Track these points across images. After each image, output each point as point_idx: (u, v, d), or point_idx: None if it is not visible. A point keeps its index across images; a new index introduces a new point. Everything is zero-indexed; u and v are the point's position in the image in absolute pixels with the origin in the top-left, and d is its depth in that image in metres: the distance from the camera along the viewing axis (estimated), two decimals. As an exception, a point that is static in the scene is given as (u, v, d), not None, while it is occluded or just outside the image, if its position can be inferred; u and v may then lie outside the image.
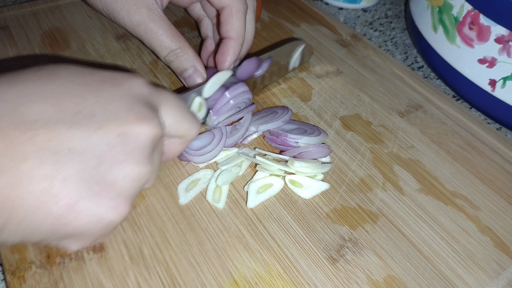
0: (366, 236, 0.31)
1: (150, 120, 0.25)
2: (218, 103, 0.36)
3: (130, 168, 0.24)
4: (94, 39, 0.46)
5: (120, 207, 0.24)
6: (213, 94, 0.36)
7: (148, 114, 0.25)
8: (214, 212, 0.32)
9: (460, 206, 0.34)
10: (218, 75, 0.36)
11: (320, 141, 0.36)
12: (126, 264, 0.29)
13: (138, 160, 0.24)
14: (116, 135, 0.23)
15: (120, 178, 0.24)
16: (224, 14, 0.38)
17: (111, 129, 0.23)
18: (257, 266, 0.29)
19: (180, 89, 0.41)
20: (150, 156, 0.25)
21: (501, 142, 0.39)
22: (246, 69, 0.38)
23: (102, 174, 0.23)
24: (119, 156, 0.23)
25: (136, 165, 0.24)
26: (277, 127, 0.37)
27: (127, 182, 0.24)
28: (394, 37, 0.56)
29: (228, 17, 0.38)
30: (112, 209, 0.23)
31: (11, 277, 0.28)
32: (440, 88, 0.49)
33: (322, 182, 0.34)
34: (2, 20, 0.48)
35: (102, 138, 0.23)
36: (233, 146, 0.36)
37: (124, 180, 0.24)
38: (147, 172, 0.25)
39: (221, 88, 0.36)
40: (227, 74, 0.36)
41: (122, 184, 0.24)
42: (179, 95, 0.32)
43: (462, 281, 0.29)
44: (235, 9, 0.37)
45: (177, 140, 0.30)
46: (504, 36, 0.38)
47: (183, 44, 0.38)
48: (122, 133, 0.24)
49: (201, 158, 0.34)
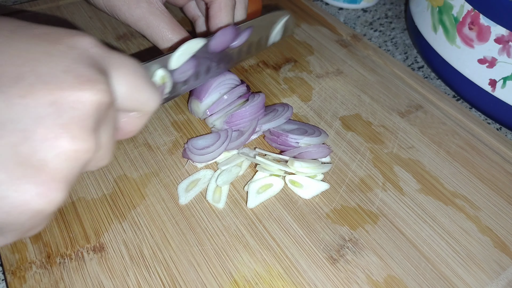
0: (366, 236, 0.31)
1: (94, 84, 0.20)
2: (214, 105, 0.36)
3: (63, 144, 0.19)
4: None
5: (51, 193, 0.20)
6: (182, 66, 0.32)
7: (92, 76, 0.21)
8: (214, 212, 0.32)
9: (460, 206, 0.34)
10: (189, 44, 0.31)
11: (321, 141, 0.36)
12: (126, 264, 0.29)
13: (74, 135, 0.20)
14: (47, 103, 0.19)
15: (51, 158, 0.19)
16: (212, 8, 0.38)
17: (40, 96, 0.19)
18: (257, 266, 0.29)
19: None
20: (92, 129, 0.21)
21: (501, 142, 0.39)
22: (222, 39, 0.34)
23: (28, 153, 0.19)
24: (50, 130, 0.19)
25: (71, 140, 0.20)
26: (277, 127, 0.37)
27: (60, 162, 0.20)
28: (394, 37, 0.56)
29: (217, 11, 0.38)
30: (39, 196, 0.19)
31: (11, 277, 0.28)
32: (440, 88, 0.49)
33: (322, 182, 0.34)
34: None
35: (28, 108, 0.19)
36: None
37: (56, 159, 0.19)
38: (88, 149, 0.20)
39: (191, 59, 0.32)
40: (199, 42, 0.32)
41: (54, 164, 0.19)
42: (140, 63, 0.28)
43: (462, 281, 0.29)
44: (224, 3, 0.37)
45: (134, 113, 0.26)
46: (504, 36, 0.38)
47: (184, 36, 0.37)
48: (54, 101, 0.19)
49: (200, 157, 0.34)
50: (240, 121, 0.36)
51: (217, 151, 0.34)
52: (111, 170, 0.34)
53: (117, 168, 0.35)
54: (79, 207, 0.32)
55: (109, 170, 0.34)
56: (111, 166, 0.35)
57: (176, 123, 0.39)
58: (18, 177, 0.19)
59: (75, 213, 0.31)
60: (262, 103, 0.37)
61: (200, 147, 0.35)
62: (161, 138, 0.37)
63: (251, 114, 0.36)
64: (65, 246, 0.29)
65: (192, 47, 0.32)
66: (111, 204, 0.32)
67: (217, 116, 0.37)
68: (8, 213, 0.19)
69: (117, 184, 0.33)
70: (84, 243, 0.30)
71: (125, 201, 0.32)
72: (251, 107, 0.36)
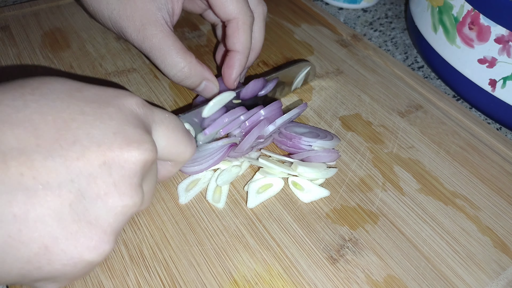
0: (366, 236, 0.31)
1: (140, 144, 0.22)
2: (213, 124, 0.35)
3: (114, 201, 0.21)
4: (94, 39, 0.46)
5: (102, 245, 0.21)
6: (212, 115, 0.35)
7: (139, 137, 0.22)
8: (214, 212, 0.32)
9: (460, 206, 0.34)
10: (221, 96, 0.35)
11: (334, 145, 0.36)
12: (126, 264, 0.29)
13: (123, 192, 0.21)
14: (98, 164, 0.21)
15: (103, 214, 0.21)
16: (230, 27, 0.37)
17: (93, 158, 0.21)
18: (257, 266, 0.29)
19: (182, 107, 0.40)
20: (138, 185, 0.22)
21: (501, 142, 0.39)
22: (251, 90, 0.37)
23: (82, 210, 0.21)
24: (102, 189, 0.21)
25: (121, 197, 0.21)
26: (289, 129, 0.36)
27: (111, 217, 0.21)
28: (394, 37, 0.56)
29: (234, 31, 0.36)
30: (92, 249, 0.21)
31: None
32: (440, 88, 0.49)
33: (323, 189, 0.34)
34: (2, 20, 0.48)
35: (82, 169, 0.20)
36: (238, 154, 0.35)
37: (107, 215, 0.21)
38: (135, 204, 0.22)
39: (221, 109, 0.36)
40: (230, 95, 0.35)
41: (105, 220, 0.21)
42: (178, 115, 0.30)
43: (462, 281, 0.29)
44: (241, 22, 0.36)
45: (170, 162, 0.28)
46: (504, 36, 0.38)
47: (189, 60, 0.36)
48: (105, 162, 0.21)
49: (187, 169, 0.34)
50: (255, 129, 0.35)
51: (205, 164, 0.34)
52: (111, 170, 0.34)
53: (117, 168, 0.35)
54: (79, 207, 0.32)
55: (109, 170, 0.34)
56: (111, 166, 0.35)
57: (176, 123, 0.39)
58: (73, 232, 0.20)
59: (75, 213, 0.31)
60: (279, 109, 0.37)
61: None
62: (161, 138, 0.37)
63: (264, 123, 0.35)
64: (65, 246, 0.29)
65: (224, 98, 0.35)
66: (111, 204, 0.32)
67: (210, 136, 0.36)
68: (64, 265, 0.21)
69: (117, 184, 0.33)
70: (84, 243, 0.30)
71: (125, 201, 0.32)
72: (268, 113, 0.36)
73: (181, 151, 0.27)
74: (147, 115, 0.24)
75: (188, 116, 0.33)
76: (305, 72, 0.43)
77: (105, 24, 0.39)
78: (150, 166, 0.24)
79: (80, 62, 0.44)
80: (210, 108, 0.34)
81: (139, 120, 0.24)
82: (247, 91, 0.37)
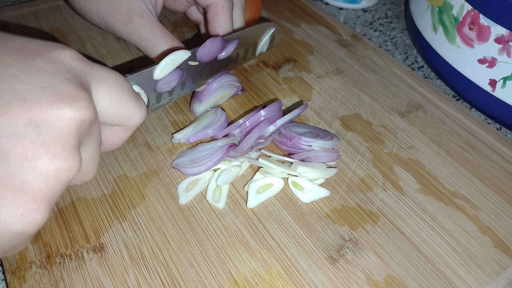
0: (366, 236, 0.31)
1: (74, 101, 0.20)
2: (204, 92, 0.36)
3: (44, 164, 0.19)
4: (94, 39, 0.46)
5: (32, 214, 0.19)
6: (166, 76, 0.32)
7: (73, 93, 0.20)
8: (214, 212, 0.32)
9: (460, 206, 0.34)
10: (174, 55, 0.31)
11: (334, 145, 0.36)
12: (126, 264, 0.29)
13: (55, 154, 0.19)
14: (24, 122, 0.18)
15: (31, 178, 0.19)
16: (210, 12, 0.38)
17: (17, 115, 0.18)
18: (257, 266, 0.29)
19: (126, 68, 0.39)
20: (74, 147, 0.20)
21: (501, 142, 0.39)
22: (209, 50, 0.34)
23: (6, 173, 0.18)
24: (29, 150, 0.18)
25: (51, 160, 0.19)
26: (289, 130, 0.36)
27: (41, 182, 0.19)
28: (394, 37, 0.56)
29: (214, 15, 0.38)
30: (20, 217, 0.19)
31: (11, 277, 0.28)
32: (440, 88, 0.49)
33: (323, 189, 0.34)
34: (2, 20, 0.48)
35: (3, 127, 0.18)
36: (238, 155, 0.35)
37: (36, 180, 0.19)
38: (70, 168, 0.20)
39: (176, 70, 0.32)
40: (184, 54, 0.32)
41: (34, 185, 0.19)
42: (125, 75, 0.27)
43: (462, 281, 0.29)
44: (220, 6, 0.38)
45: (117, 127, 0.25)
46: (504, 36, 0.38)
47: (177, 47, 0.37)
48: (32, 119, 0.18)
49: (187, 170, 0.34)
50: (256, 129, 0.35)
51: (205, 165, 0.34)
52: (111, 170, 0.34)
53: (117, 168, 0.35)
54: (79, 207, 0.32)
55: (109, 170, 0.34)
56: (111, 166, 0.35)
57: (176, 123, 0.39)
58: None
59: (75, 213, 0.31)
60: (278, 109, 0.37)
61: (190, 159, 0.34)
62: (161, 138, 0.37)
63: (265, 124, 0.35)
64: (65, 246, 0.29)
65: (177, 58, 0.31)
66: (111, 204, 0.32)
67: (205, 103, 0.36)
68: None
69: (117, 184, 0.33)
70: (84, 243, 0.30)
71: (125, 201, 0.32)
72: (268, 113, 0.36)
73: (128, 114, 0.25)
74: (84, 71, 0.22)
75: (136, 76, 0.29)
76: (269, 34, 0.41)
77: (93, 21, 0.40)
78: (89, 128, 0.21)
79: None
80: (162, 69, 0.31)
81: (75, 75, 0.21)
82: (203, 51, 0.34)
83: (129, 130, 0.26)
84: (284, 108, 0.41)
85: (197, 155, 0.34)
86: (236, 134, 0.36)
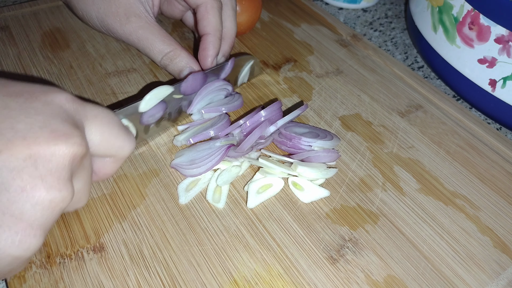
0: (366, 236, 0.31)
1: (68, 138, 0.22)
2: (195, 99, 0.37)
3: (40, 195, 0.21)
4: (94, 39, 0.46)
5: (29, 239, 0.21)
6: (150, 109, 0.34)
7: (66, 131, 0.22)
8: (214, 212, 0.32)
9: (460, 206, 0.34)
10: (158, 89, 0.33)
11: (334, 145, 0.36)
12: (126, 264, 0.29)
13: (51, 186, 0.21)
14: (23, 158, 0.21)
15: (28, 208, 0.21)
16: (199, 12, 0.39)
17: (17, 151, 0.21)
18: (257, 266, 0.29)
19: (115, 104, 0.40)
20: (67, 179, 0.22)
21: (501, 142, 0.39)
22: (191, 84, 0.36)
23: (7, 204, 0.20)
24: (27, 182, 0.21)
25: (48, 191, 0.21)
26: (289, 130, 0.36)
27: (37, 211, 0.21)
28: (394, 37, 0.56)
29: (204, 14, 0.39)
30: (18, 243, 0.21)
31: (11, 277, 0.28)
32: (440, 88, 0.49)
33: (323, 189, 0.34)
34: (2, 20, 0.48)
35: (5, 162, 0.20)
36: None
37: (33, 209, 0.21)
38: (63, 198, 0.22)
39: (160, 104, 0.34)
40: (167, 89, 0.34)
41: (31, 214, 0.21)
42: (114, 111, 0.30)
43: (462, 281, 0.29)
44: (210, 5, 0.38)
45: (109, 159, 0.28)
46: (504, 36, 0.38)
47: (175, 47, 0.38)
48: (30, 155, 0.21)
49: (186, 171, 0.34)
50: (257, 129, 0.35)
51: (205, 166, 0.34)
52: (111, 170, 0.34)
53: (117, 168, 0.35)
54: (79, 207, 0.32)
55: (109, 170, 0.34)
56: (111, 166, 0.35)
57: (176, 123, 0.39)
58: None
59: (75, 213, 0.31)
60: (278, 109, 0.37)
61: (189, 160, 0.34)
62: (161, 138, 0.37)
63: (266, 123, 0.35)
64: (65, 246, 0.29)
65: (161, 92, 0.34)
66: (111, 204, 0.32)
67: (198, 105, 0.37)
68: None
69: (117, 184, 0.33)
70: (84, 243, 0.30)
71: (125, 201, 0.32)
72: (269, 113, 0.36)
73: (118, 146, 0.27)
74: (78, 111, 0.24)
75: (124, 111, 0.32)
76: (248, 66, 0.42)
77: (94, 25, 0.42)
78: (80, 162, 0.23)
79: (80, 62, 0.44)
80: (147, 102, 0.33)
81: (68, 115, 0.23)
82: (186, 85, 0.36)
83: (119, 161, 0.28)
84: (284, 108, 0.41)
85: (196, 155, 0.34)
86: (236, 134, 0.36)
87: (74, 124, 0.23)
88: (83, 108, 0.25)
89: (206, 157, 0.34)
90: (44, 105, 0.23)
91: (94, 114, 0.25)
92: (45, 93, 0.23)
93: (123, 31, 0.39)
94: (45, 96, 0.23)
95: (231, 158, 0.35)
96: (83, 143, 0.23)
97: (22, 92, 0.23)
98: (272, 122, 0.36)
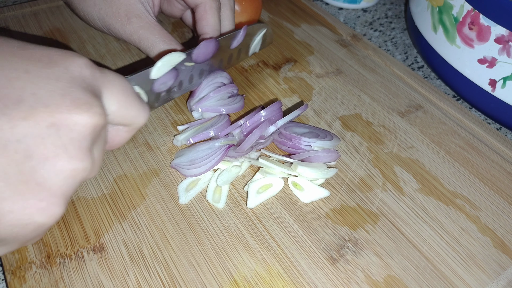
0: (366, 236, 0.31)
1: (90, 108, 0.22)
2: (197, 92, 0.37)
3: (63, 164, 0.21)
4: (94, 39, 0.46)
5: (52, 208, 0.21)
6: (162, 76, 0.33)
7: (88, 100, 0.22)
8: (214, 212, 0.32)
9: (460, 206, 0.34)
10: (170, 56, 0.33)
11: (334, 145, 0.36)
12: (126, 264, 0.29)
13: (73, 155, 0.21)
14: (46, 126, 0.20)
15: (52, 176, 0.21)
16: (198, 12, 0.39)
17: (40, 119, 0.20)
18: (257, 266, 0.29)
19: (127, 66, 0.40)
20: (88, 149, 0.22)
21: (501, 142, 0.39)
22: (203, 52, 0.36)
23: (30, 171, 0.20)
24: (50, 150, 0.21)
25: (70, 160, 0.21)
26: (289, 130, 0.36)
27: (60, 180, 0.21)
28: (394, 37, 0.56)
29: (202, 14, 0.39)
30: (42, 211, 0.21)
31: (11, 277, 0.28)
32: (440, 88, 0.49)
33: (323, 189, 0.34)
34: (2, 20, 0.48)
35: (29, 129, 0.20)
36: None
37: (56, 178, 0.21)
38: (85, 168, 0.22)
39: (172, 71, 0.34)
40: (179, 56, 0.33)
41: (54, 182, 0.21)
42: (125, 77, 0.29)
43: (462, 281, 0.29)
44: (208, 5, 0.39)
45: (123, 127, 0.27)
46: (504, 36, 0.38)
47: (176, 47, 0.38)
48: (53, 123, 0.21)
49: (187, 171, 0.34)
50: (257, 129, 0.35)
51: (205, 166, 0.34)
52: (111, 170, 0.34)
53: (117, 168, 0.35)
54: (79, 207, 0.32)
55: (109, 170, 0.34)
56: (111, 166, 0.35)
57: (176, 123, 0.39)
58: (21, 193, 0.20)
59: (75, 213, 0.31)
60: (278, 109, 0.37)
61: (189, 160, 0.34)
62: (161, 138, 0.37)
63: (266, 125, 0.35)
64: (65, 246, 0.29)
65: (173, 59, 0.33)
66: (111, 204, 0.32)
67: (204, 104, 0.37)
68: (13, 226, 0.20)
69: (117, 184, 0.33)
70: (84, 243, 0.30)
71: (125, 201, 0.32)
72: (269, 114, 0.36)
73: (134, 115, 0.26)
74: (96, 78, 0.24)
75: (136, 77, 0.31)
76: (261, 35, 0.42)
77: (95, 25, 0.42)
78: (100, 132, 0.23)
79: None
80: (158, 69, 0.32)
81: (87, 82, 0.23)
82: (198, 52, 0.35)
83: (133, 130, 0.28)
84: (284, 108, 0.41)
85: (196, 155, 0.34)
86: (236, 134, 0.36)
87: (93, 93, 0.23)
88: (101, 74, 0.24)
89: (206, 157, 0.34)
90: (64, 71, 0.22)
91: (111, 81, 0.25)
92: (64, 57, 0.23)
93: (124, 32, 0.39)
94: (63, 61, 0.23)
95: (231, 158, 0.35)
96: (103, 113, 0.23)
97: (41, 57, 0.22)
98: (272, 122, 0.36)
